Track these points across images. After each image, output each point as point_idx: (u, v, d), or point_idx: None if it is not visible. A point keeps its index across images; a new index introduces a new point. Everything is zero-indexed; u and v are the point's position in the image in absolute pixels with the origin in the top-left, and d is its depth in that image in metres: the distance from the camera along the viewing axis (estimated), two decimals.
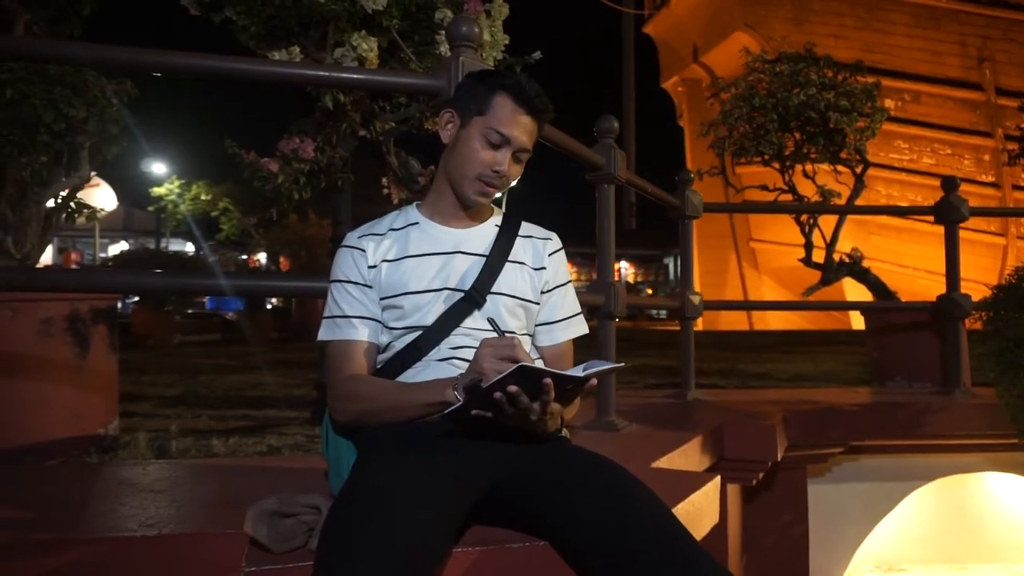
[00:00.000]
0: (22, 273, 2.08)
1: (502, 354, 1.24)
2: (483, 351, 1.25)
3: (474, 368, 1.25)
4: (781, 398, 3.74)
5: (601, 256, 2.75)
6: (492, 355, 1.24)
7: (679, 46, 17.87)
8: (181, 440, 2.58)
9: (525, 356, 1.25)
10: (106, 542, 1.29)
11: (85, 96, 2.23)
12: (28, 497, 1.63)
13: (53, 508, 1.53)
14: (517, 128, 1.42)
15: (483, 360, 1.24)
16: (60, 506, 1.54)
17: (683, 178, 3.70)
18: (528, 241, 1.57)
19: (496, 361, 1.23)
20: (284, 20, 2.65)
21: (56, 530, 1.35)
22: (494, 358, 1.23)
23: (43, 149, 2.17)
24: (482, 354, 1.25)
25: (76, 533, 1.33)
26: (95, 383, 2.38)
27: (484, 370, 1.22)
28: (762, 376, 5.97)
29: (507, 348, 1.24)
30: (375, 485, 1.17)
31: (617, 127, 2.74)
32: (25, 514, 1.47)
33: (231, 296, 5.60)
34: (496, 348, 1.25)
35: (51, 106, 2.12)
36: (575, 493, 1.25)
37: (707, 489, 1.81)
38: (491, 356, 1.24)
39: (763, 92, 4.55)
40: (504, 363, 1.22)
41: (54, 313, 2.24)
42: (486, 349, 1.25)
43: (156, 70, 1.65)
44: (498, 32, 3.14)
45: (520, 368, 1.16)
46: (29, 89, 2.14)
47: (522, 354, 1.24)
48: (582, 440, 2.47)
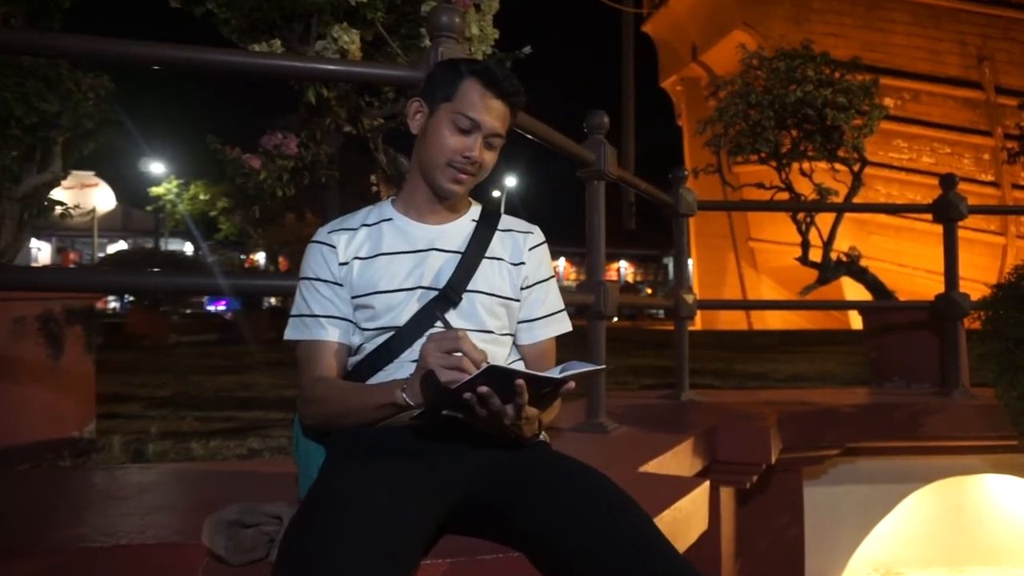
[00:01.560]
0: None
1: (446, 347, 1.17)
2: (427, 346, 1.19)
3: (420, 365, 1.19)
4: (777, 399, 3.69)
5: (591, 254, 2.69)
6: (436, 349, 1.17)
7: (678, 45, 17.81)
8: (160, 443, 2.52)
9: (471, 348, 1.17)
10: (59, 552, 1.23)
11: (59, 90, 2.17)
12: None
13: (10, 516, 1.47)
14: (486, 112, 1.36)
15: (427, 355, 1.17)
16: (17, 514, 1.48)
17: (677, 176, 3.64)
18: (508, 235, 1.51)
19: (441, 355, 1.16)
20: (266, 13, 2.59)
21: (6, 539, 1.29)
22: (438, 352, 1.17)
23: (14, 144, 2.11)
24: (426, 349, 1.18)
25: (27, 543, 1.27)
26: (70, 385, 2.32)
27: (429, 365, 1.16)
28: (759, 376, 5.91)
29: (451, 341, 1.17)
30: (336, 495, 1.11)
31: (607, 123, 2.68)
32: None
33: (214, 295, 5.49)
34: (439, 342, 1.18)
35: (22, 99, 2.06)
36: (552, 502, 1.19)
37: (695, 495, 1.76)
38: (435, 350, 1.17)
39: (759, 89, 4.49)
40: (448, 357, 1.16)
41: (26, 313, 2.18)
42: (430, 344, 1.18)
43: (121, 61, 1.59)
44: (488, 26, 3.07)
45: (490, 368, 1.10)
46: (0, 82, 2.08)
47: (468, 346, 1.17)
48: (570, 442, 2.43)
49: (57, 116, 2.15)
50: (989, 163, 14.19)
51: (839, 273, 4.69)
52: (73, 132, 2.29)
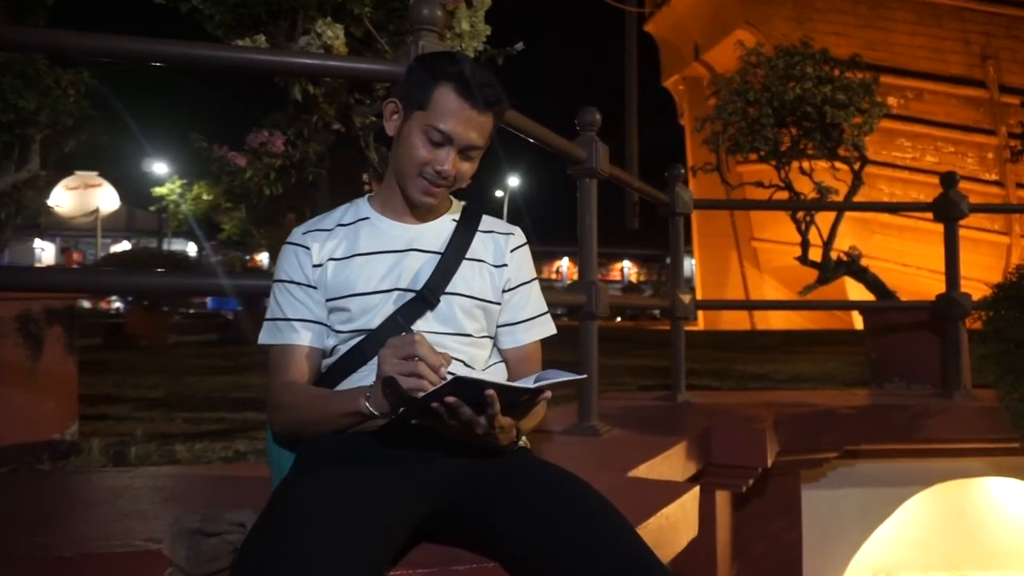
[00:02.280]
0: None
1: (402, 352, 1.11)
2: (384, 352, 1.13)
3: (379, 372, 1.13)
4: (775, 400, 3.63)
5: (583, 253, 2.64)
6: (392, 355, 1.11)
7: (680, 44, 17.73)
8: (144, 445, 2.48)
9: (428, 352, 1.12)
10: (17, 562, 1.18)
11: (37, 86, 2.13)
12: None
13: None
14: (461, 124, 1.27)
15: (384, 362, 1.12)
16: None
17: (673, 174, 3.59)
18: (489, 237, 1.46)
19: (398, 362, 1.11)
20: (251, 9, 2.55)
21: None
22: (395, 358, 1.11)
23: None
24: (383, 355, 1.13)
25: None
26: (50, 386, 2.28)
27: (386, 372, 1.10)
28: (759, 377, 5.85)
29: (408, 346, 1.12)
30: (296, 502, 1.06)
31: (599, 120, 2.63)
32: None
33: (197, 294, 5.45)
34: (396, 347, 1.12)
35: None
36: (527, 510, 1.14)
37: (684, 500, 1.71)
38: (391, 356, 1.11)
39: (758, 87, 4.43)
40: (405, 363, 1.10)
41: (3, 313, 2.14)
42: (386, 350, 1.13)
43: (95, 55, 1.55)
44: (479, 22, 3.02)
45: (457, 379, 1.05)
46: None
47: (424, 350, 1.12)
48: (560, 446, 2.38)
49: (35, 113, 2.11)
50: (993, 162, 14.08)
51: (839, 273, 4.63)
52: (52, 129, 2.25)
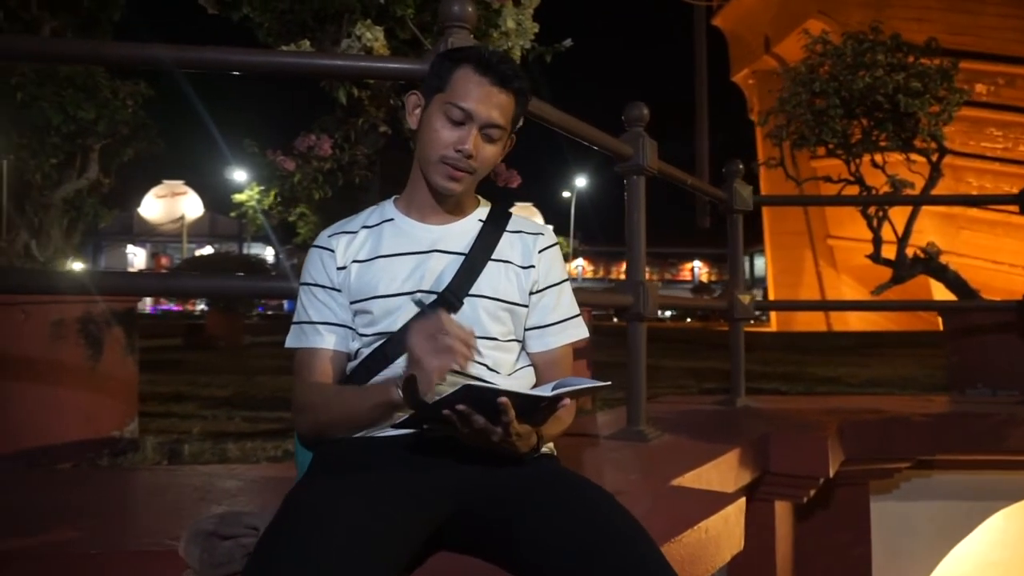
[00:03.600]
0: (18, 276, 2.08)
1: (428, 331, 1.09)
2: (412, 338, 1.11)
3: (410, 358, 1.11)
4: (843, 406, 3.44)
5: (631, 253, 2.57)
6: (421, 338, 1.09)
7: (750, 38, 17.20)
8: (199, 444, 2.55)
9: (456, 330, 1.09)
10: (40, 558, 1.22)
11: (96, 98, 2.22)
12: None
13: (19, 517, 1.48)
14: (481, 101, 1.26)
15: (414, 346, 1.10)
16: (26, 515, 1.50)
17: (731, 170, 3.45)
18: (516, 237, 1.42)
19: (426, 341, 1.09)
20: (298, 15, 2.60)
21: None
22: (422, 340, 1.09)
23: (53, 151, 2.17)
24: (411, 340, 1.11)
25: (21, 546, 1.26)
26: (110, 385, 2.36)
27: (417, 355, 1.09)
28: (831, 381, 5.58)
29: (432, 323, 1.09)
30: (308, 509, 1.04)
31: (646, 114, 2.55)
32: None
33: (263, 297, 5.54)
34: (422, 328, 1.10)
35: (59, 108, 2.12)
36: (543, 523, 1.09)
37: (728, 512, 1.62)
38: (420, 340, 1.09)
39: (825, 76, 4.23)
40: (435, 340, 1.08)
41: (66, 315, 2.24)
42: (415, 334, 1.10)
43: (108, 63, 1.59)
44: (527, 20, 2.99)
45: (467, 387, 1.02)
46: (39, 92, 2.15)
47: (452, 327, 1.09)
48: (604, 451, 2.31)
49: (93, 123, 2.21)
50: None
51: (916, 271, 4.37)
52: (111, 138, 2.34)
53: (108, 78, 2.29)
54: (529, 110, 2.22)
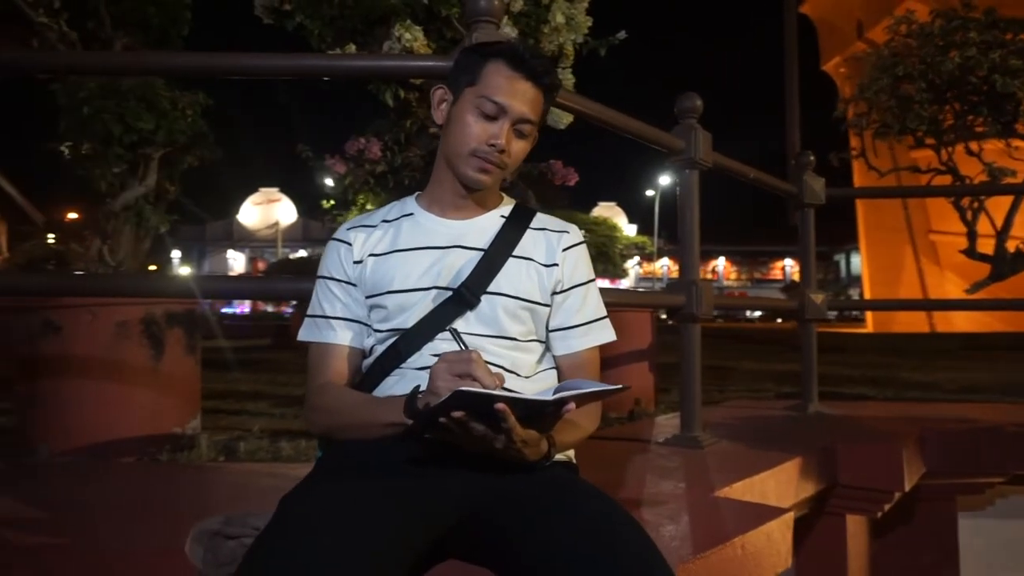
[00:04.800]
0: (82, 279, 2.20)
1: (457, 370, 1.06)
2: (437, 367, 1.08)
3: (429, 386, 1.08)
4: (930, 414, 3.18)
5: (684, 251, 2.46)
6: (446, 371, 1.07)
7: (841, 24, 16.31)
8: (255, 441, 2.62)
9: (485, 374, 1.05)
10: (75, 554, 1.26)
11: (157, 108, 2.33)
12: (41, 497, 1.68)
13: (60, 509, 1.55)
14: (513, 96, 1.24)
15: (436, 378, 1.07)
16: (65, 508, 1.56)
17: (801, 162, 3.26)
18: (541, 234, 1.37)
19: (451, 378, 1.06)
20: (347, 20, 2.63)
21: (39, 535, 1.35)
22: (448, 374, 1.06)
23: (115, 161, 2.29)
24: (436, 371, 1.08)
25: (52, 541, 1.31)
26: (171, 384, 2.47)
27: (438, 388, 1.06)
28: (924, 386, 5.19)
29: (462, 364, 1.06)
30: (303, 512, 1.03)
31: (700, 105, 2.43)
32: (25, 513, 1.50)
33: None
34: (451, 363, 1.07)
35: (120, 120, 2.23)
36: (546, 535, 1.04)
37: (769, 528, 1.51)
38: (445, 372, 1.07)
39: (911, 58, 3.93)
40: (459, 381, 1.05)
41: (129, 317, 2.35)
42: (441, 365, 1.08)
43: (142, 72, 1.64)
44: (579, 14, 2.93)
45: (458, 393, 0.98)
46: (104, 105, 2.27)
47: (480, 371, 1.05)
48: (652, 458, 2.21)
49: (153, 133, 2.31)
50: None
51: (1018, 267, 3.99)
52: (172, 147, 2.45)
53: (167, 89, 2.40)
54: (570, 106, 2.17)
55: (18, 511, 1.51)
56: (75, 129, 2.30)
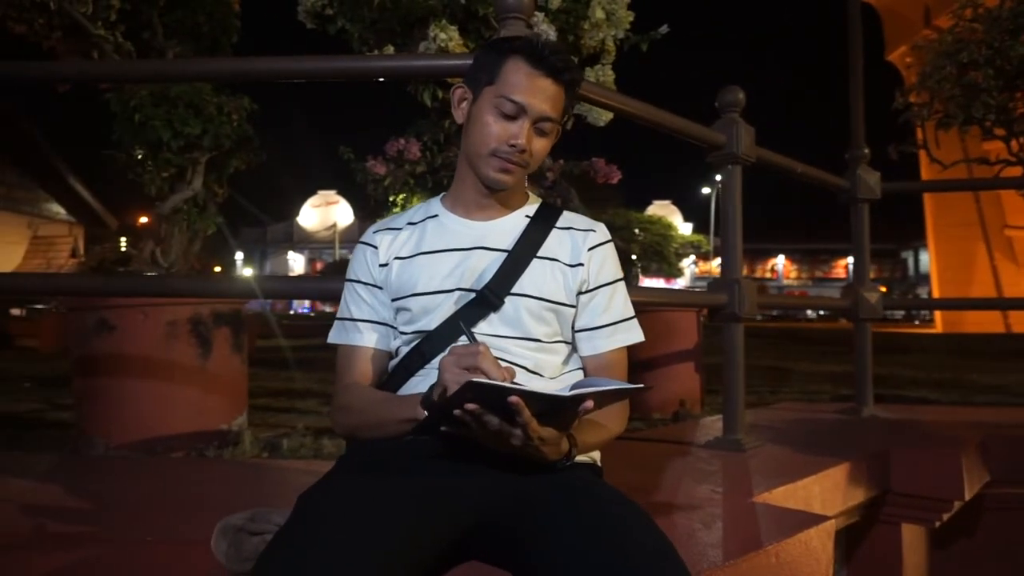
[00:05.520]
0: (140, 280, 2.28)
1: (464, 363, 1.05)
2: (445, 360, 1.08)
3: (439, 380, 1.08)
4: (996, 419, 3.01)
5: (726, 249, 2.39)
6: (454, 364, 1.06)
7: (907, 11, 15.68)
8: (299, 439, 2.67)
9: (492, 367, 1.05)
10: (104, 544, 1.31)
11: (202, 114, 2.40)
12: (84, 489, 1.75)
13: (100, 501, 1.61)
14: (533, 94, 1.22)
15: (444, 370, 1.07)
16: (106, 500, 1.62)
17: (854, 155, 3.13)
18: (566, 233, 1.35)
19: (458, 371, 1.05)
20: (386, 22, 2.66)
21: (72, 524, 1.40)
22: (456, 367, 1.05)
23: (165, 166, 2.37)
24: (444, 363, 1.07)
25: (88, 531, 1.36)
26: (218, 381, 2.54)
27: (445, 381, 1.05)
28: (994, 390, 4.93)
29: (471, 357, 1.05)
30: (316, 512, 1.03)
31: (742, 98, 2.36)
32: (66, 503, 1.56)
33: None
34: (459, 357, 1.06)
35: (168, 126, 2.31)
36: (559, 539, 1.01)
37: (807, 537, 1.45)
38: (452, 366, 1.06)
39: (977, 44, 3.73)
40: (466, 374, 1.04)
41: (178, 316, 2.43)
42: (449, 358, 1.07)
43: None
44: (620, 10, 2.88)
45: (471, 383, 0.97)
46: (154, 112, 2.35)
47: (488, 364, 1.04)
48: (691, 460, 2.16)
49: (200, 138, 2.39)
50: None
51: None
52: (218, 151, 2.52)
53: (214, 95, 2.48)
54: (606, 103, 2.13)
55: (59, 502, 1.57)
56: (128, 136, 2.40)
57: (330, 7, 2.76)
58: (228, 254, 40.13)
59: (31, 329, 10.58)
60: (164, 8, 2.87)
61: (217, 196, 2.73)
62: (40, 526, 1.39)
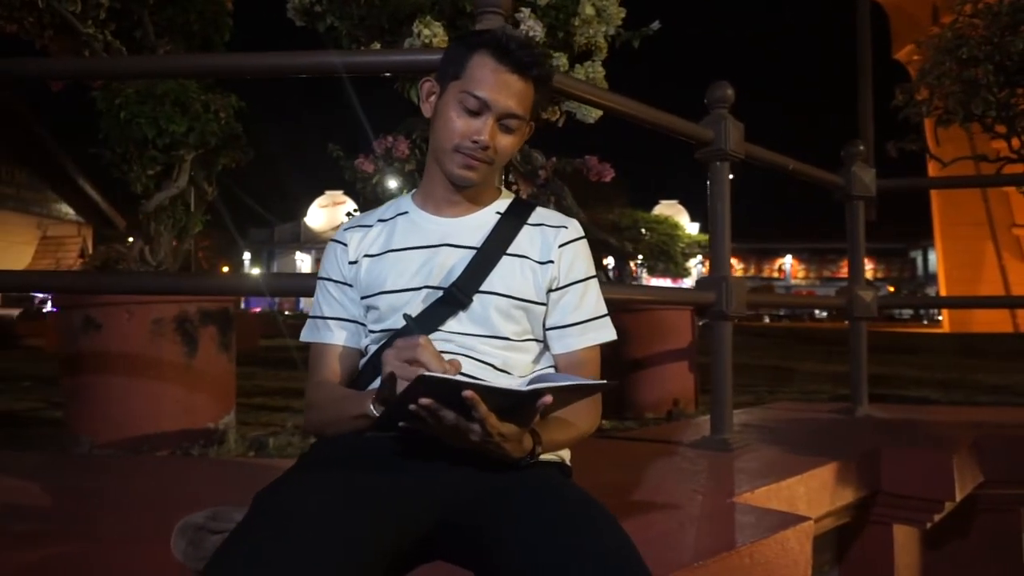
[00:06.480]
0: (127, 277, 2.28)
1: (404, 356, 1.04)
2: (386, 353, 1.07)
3: (382, 374, 1.07)
4: (995, 419, 2.97)
5: (714, 246, 2.36)
6: (395, 356, 1.05)
7: (914, 9, 15.53)
8: (286, 437, 2.66)
9: (432, 359, 1.03)
10: (74, 541, 1.30)
11: (188, 112, 2.39)
12: (59, 487, 1.74)
13: (75, 500, 1.60)
14: (497, 90, 1.19)
15: (385, 363, 1.06)
16: (81, 498, 1.61)
17: (850, 152, 3.09)
18: (537, 230, 1.33)
19: (399, 364, 1.04)
20: (374, 19, 2.65)
21: (50, 523, 1.39)
22: (396, 360, 1.04)
23: (149, 163, 2.37)
24: (385, 356, 1.07)
25: (64, 529, 1.36)
26: (205, 380, 2.53)
27: (386, 375, 1.04)
28: (999, 390, 4.89)
29: (409, 350, 1.04)
30: (272, 509, 1.02)
31: (731, 94, 2.34)
32: (39, 502, 1.56)
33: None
34: (399, 349, 1.05)
35: (153, 123, 2.31)
36: (520, 537, 1.00)
37: (784, 537, 1.43)
38: (393, 358, 1.05)
39: (977, 40, 3.69)
40: (408, 367, 1.03)
41: (164, 314, 2.43)
42: (389, 351, 1.06)
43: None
44: (611, 6, 2.86)
45: (421, 378, 0.95)
46: (139, 110, 2.35)
47: (427, 356, 1.03)
48: (675, 460, 2.13)
49: (185, 135, 2.38)
50: None
51: None
52: (204, 149, 2.52)
53: (200, 92, 2.47)
54: (591, 99, 2.11)
55: (38, 500, 1.57)
56: (114, 133, 2.40)
57: (319, 4, 2.75)
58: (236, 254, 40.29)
59: (37, 329, 10.69)
60: (155, 6, 2.87)
61: (207, 194, 2.73)
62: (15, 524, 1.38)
